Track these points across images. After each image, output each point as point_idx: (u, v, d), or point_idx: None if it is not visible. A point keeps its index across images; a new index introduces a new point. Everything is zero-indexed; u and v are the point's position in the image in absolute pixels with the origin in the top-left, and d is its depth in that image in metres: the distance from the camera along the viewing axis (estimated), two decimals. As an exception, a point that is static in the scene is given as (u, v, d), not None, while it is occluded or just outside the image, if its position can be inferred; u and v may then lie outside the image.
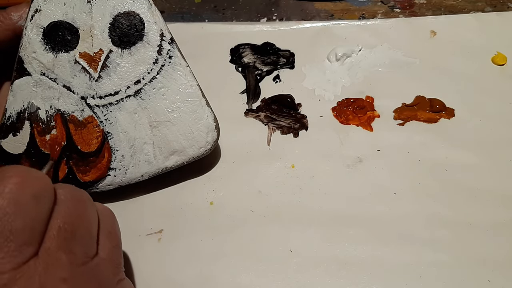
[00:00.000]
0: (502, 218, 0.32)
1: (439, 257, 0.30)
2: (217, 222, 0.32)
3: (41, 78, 0.31)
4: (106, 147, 0.31)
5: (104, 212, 0.26)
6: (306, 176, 0.34)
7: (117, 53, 0.31)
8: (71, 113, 0.31)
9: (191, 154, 0.32)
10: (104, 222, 0.25)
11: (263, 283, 0.30)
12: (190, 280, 0.30)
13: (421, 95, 0.37)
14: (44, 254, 0.21)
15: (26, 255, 0.20)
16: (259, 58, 0.40)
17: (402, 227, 0.31)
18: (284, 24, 0.42)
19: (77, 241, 0.22)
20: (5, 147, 0.31)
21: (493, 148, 0.35)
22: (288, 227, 0.32)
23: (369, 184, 0.33)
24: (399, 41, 0.40)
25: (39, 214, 0.21)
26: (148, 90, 0.32)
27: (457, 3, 0.43)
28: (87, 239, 0.23)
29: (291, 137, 0.36)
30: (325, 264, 0.30)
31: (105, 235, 0.25)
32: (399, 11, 0.43)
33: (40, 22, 0.31)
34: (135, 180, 0.32)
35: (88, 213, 0.24)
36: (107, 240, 0.25)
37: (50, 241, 0.21)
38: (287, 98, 0.38)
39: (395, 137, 0.36)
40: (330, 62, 0.40)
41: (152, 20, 0.31)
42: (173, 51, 0.32)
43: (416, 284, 0.29)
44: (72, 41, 0.31)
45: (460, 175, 0.33)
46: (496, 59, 0.39)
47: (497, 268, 0.30)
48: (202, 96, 0.32)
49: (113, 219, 0.26)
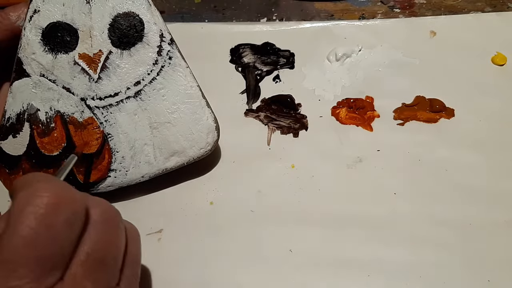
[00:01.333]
0: (502, 218, 0.32)
1: (439, 257, 0.30)
2: (217, 222, 0.32)
3: (41, 79, 0.31)
4: (106, 148, 0.31)
5: (131, 234, 0.24)
6: (306, 176, 0.34)
7: (117, 54, 0.31)
8: (71, 114, 0.31)
9: (191, 155, 0.32)
10: (131, 248, 0.24)
11: (263, 283, 0.30)
12: (190, 280, 0.30)
13: (421, 95, 0.37)
14: (70, 280, 0.20)
15: (53, 280, 0.19)
16: (259, 58, 0.40)
17: (402, 227, 0.31)
18: (284, 24, 0.42)
19: (103, 270, 0.21)
20: (5, 148, 0.31)
21: (493, 148, 0.35)
22: (288, 227, 0.32)
23: (369, 184, 0.33)
24: (399, 41, 0.40)
25: (69, 238, 0.20)
26: (148, 91, 0.31)
27: (457, 3, 0.43)
28: (112, 269, 0.22)
29: (291, 137, 0.36)
30: (325, 264, 0.30)
31: (130, 263, 0.24)
32: (399, 11, 0.43)
33: (39, 23, 0.31)
34: (136, 181, 0.32)
35: (117, 239, 0.22)
36: (130, 269, 0.23)
37: (77, 267, 0.20)
38: (287, 98, 0.38)
39: (395, 137, 0.36)
40: (330, 62, 0.40)
41: (151, 21, 0.31)
42: (173, 51, 0.32)
43: (416, 284, 0.29)
44: (72, 42, 0.31)
45: (460, 175, 0.33)
46: (496, 59, 0.39)
47: (497, 268, 0.30)
48: (202, 97, 0.32)
49: (138, 243, 0.25)
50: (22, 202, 0.19)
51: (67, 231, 0.20)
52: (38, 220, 0.19)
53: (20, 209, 0.19)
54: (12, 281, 0.18)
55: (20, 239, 0.19)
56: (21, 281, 0.18)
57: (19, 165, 0.31)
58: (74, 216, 0.20)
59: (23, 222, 0.19)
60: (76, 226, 0.20)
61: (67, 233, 0.20)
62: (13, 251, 0.18)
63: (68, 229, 0.20)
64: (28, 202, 0.19)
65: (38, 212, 0.19)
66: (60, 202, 0.20)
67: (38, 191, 0.20)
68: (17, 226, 0.19)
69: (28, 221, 0.19)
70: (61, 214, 0.20)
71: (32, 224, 0.19)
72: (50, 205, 0.19)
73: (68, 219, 0.20)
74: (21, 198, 0.20)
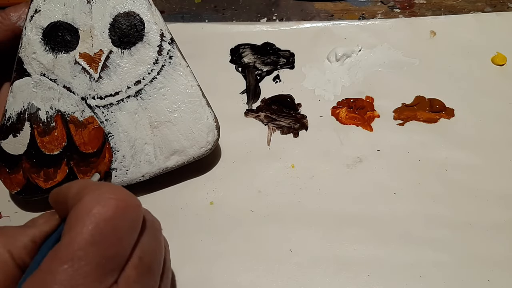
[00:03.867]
0: (502, 218, 0.32)
1: (439, 257, 0.30)
2: (217, 222, 0.32)
3: (41, 78, 0.31)
4: (106, 147, 0.31)
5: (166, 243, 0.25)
6: (306, 176, 0.34)
7: (117, 54, 0.31)
8: (72, 113, 0.31)
9: (191, 154, 0.32)
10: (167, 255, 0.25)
11: (263, 283, 0.30)
12: (190, 280, 0.30)
13: (421, 95, 0.37)
14: (124, 282, 0.20)
15: (111, 281, 0.20)
16: (259, 58, 0.40)
17: (402, 227, 0.31)
18: (284, 24, 0.42)
19: (151, 274, 0.22)
20: (5, 148, 0.31)
21: (493, 148, 0.35)
22: (288, 227, 0.32)
23: (369, 184, 0.33)
24: (399, 41, 0.41)
25: (130, 242, 0.21)
26: (148, 90, 0.32)
27: (457, 3, 0.43)
28: (156, 274, 0.23)
29: (291, 137, 0.36)
30: (325, 264, 0.30)
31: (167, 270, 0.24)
32: (399, 11, 0.43)
33: (40, 22, 0.31)
34: (136, 180, 0.32)
35: (161, 246, 0.23)
36: (166, 275, 0.24)
37: (131, 270, 0.20)
38: (287, 98, 0.38)
39: (395, 137, 0.36)
40: (330, 62, 0.40)
41: (152, 21, 0.31)
42: (173, 51, 0.32)
43: (416, 284, 0.29)
44: (72, 42, 0.31)
45: (460, 175, 0.33)
46: (496, 59, 0.39)
47: (497, 268, 0.30)
48: (203, 96, 0.32)
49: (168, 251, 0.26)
50: (90, 204, 0.20)
51: (130, 234, 0.21)
52: (106, 221, 0.19)
53: (89, 209, 0.19)
54: (76, 279, 0.18)
55: (87, 237, 0.19)
56: (84, 280, 0.18)
57: (20, 165, 0.31)
58: (136, 220, 0.21)
59: (92, 221, 0.19)
60: (136, 230, 0.21)
61: (129, 237, 0.21)
62: (80, 249, 0.19)
63: (131, 232, 0.21)
64: (97, 203, 0.20)
65: (107, 214, 0.20)
66: (127, 206, 0.20)
67: (106, 194, 0.20)
68: (84, 225, 0.19)
69: (96, 220, 0.19)
70: (127, 217, 0.20)
71: (100, 224, 0.19)
72: (118, 208, 0.20)
73: (133, 223, 0.21)
74: (88, 200, 0.20)
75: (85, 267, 0.19)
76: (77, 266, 0.18)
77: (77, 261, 0.18)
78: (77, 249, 0.19)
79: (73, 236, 0.19)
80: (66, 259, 0.18)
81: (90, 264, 0.19)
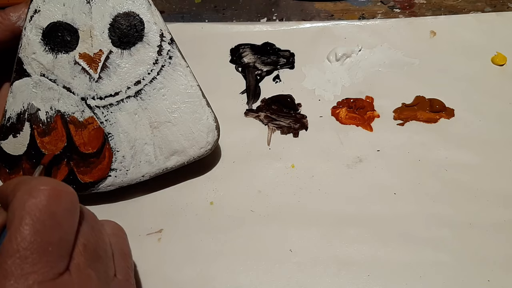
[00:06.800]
0: (502, 218, 0.32)
1: (439, 257, 0.30)
2: (217, 222, 0.32)
3: (41, 79, 0.31)
4: (106, 148, 0.31)
5: (113, 230, 0.26)
6: (306, 176, 0.34)
7: (117, 54, 0.31)
8: (72, 114, 0.31)
9: (191, 154, 0.32)
10: (117, 242, 0.25)
11: (263, 283, 0.30)
12: (190, 280, 0.30)
13: (421, 95, 0.37)
14: (75, 269, 0.21)
15: (62, 267, 0.20)
16: (259, 58, 0.40)
17: (402, 227, 0.31)
18: (284, 24, 0.42)
19: (99, 260, 0.23)
20: (5, 148, 0.31)
21: (493, 148, 0.35)
22: (288, 227, 0.32)
23: (369, 184, 0.33)
24: (399, 41, 0.40)
25: (71, 226, 0.21)
26: (148, 90, 0.32)
27: (457, 3, 0.43)
28: (106, 260, 0.23)
29: (291, 137, 0.36)
30: (325, 264, 0.30)
31: (120, 255, 0.25)
32: (399, 11, 0.43)
33: (40, 22, 0.31)
34: (136, 180, 0.32)
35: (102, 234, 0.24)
36: (121, 261, 0.25)
37: (79, 257, 0.21)
38: (287, 98, 0.38)
39: (395, 137, 0.36)
40: (330, 62, 0.40)
41: (152, 21, 0.31)
42: (173, 51, 0.32)
43: (416, 284, 0.29)
44: (72, 42, 0.31)
45: (460, 175, 0.33)
46: (496, 59, 0.39)
47: (497, 268, 0.30)
48: (203, 96, 0.32)
49: (122, 237, 0.27)
50: (23, 198, 0.20)
51: (69, 219, 0.21)
52: (42, 210, 0.20)
53: (23, 203, 0.20)
54: (26, 268, 0.19)
55: (27, 228, 0.20)
56: (34, 268, 0.19)
57: (20, 165, 0.31)
58: (73, 205, 0.22)
59: (29, 213, 0.20)
60: (75, 216, 0.22)
61: (69, 221, 0.21)
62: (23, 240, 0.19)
63: (69, 217, 0.21)
64: (30, 196, 0.20)
65: (41, 203, 0.20)
66: (60, 193, 0.21)
67: (37, 186, 0.21)
68: (22, 219, 0.20)
69: (33, 212, 0.20)
70: (62, 203, 0.21)
71: (37, 214, 0.20)
72: (51, 196, 0.21)
73: (69, 208, 0.21)
74: (21, 195, 0.21)
75: (31, 256, 0.19)
76: (24, 256, 0.19)
77: (23, 252, 0.19)
78: (20, 241, 0.19)
79: (14, 231, 0.20)
80: (12, 252, 0.19)
81: (36, 252, 0.19)
